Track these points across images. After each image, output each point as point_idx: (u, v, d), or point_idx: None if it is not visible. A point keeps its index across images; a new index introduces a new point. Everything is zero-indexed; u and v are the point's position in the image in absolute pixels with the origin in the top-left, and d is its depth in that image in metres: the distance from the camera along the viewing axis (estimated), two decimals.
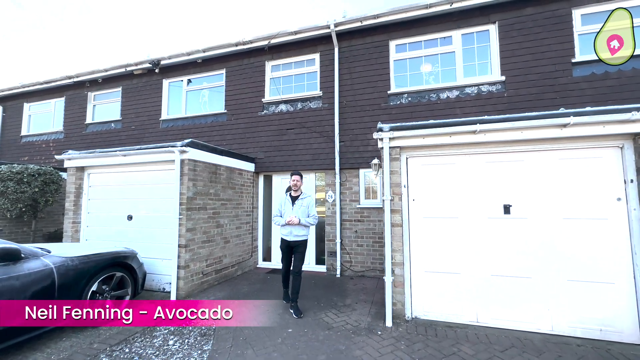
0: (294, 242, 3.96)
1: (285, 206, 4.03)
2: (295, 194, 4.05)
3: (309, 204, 4.01)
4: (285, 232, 3.97)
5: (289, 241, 3.97)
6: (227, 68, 7.14)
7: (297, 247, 3.97)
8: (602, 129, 3.06)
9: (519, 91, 5.19)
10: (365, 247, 5.81)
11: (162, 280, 4.85)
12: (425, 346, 3.01)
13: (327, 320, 3.66)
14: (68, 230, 5.38)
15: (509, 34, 5.33)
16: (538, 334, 3.23)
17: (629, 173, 3.13)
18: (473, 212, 3.59)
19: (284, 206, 4.04)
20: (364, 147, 5.84)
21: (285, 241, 4.01)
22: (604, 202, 3.20)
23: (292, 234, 3.93)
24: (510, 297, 3.40)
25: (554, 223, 3.32)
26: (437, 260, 3.67)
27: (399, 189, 3.72)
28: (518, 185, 3.48)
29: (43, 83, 8.71)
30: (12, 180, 6.13)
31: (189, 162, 4.70)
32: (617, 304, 3.08)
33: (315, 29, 6.14)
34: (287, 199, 4.06)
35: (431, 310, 3.64)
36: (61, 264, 3.22)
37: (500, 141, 3.44)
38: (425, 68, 5.95)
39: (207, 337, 3.27)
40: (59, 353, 2.96)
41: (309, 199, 4.05)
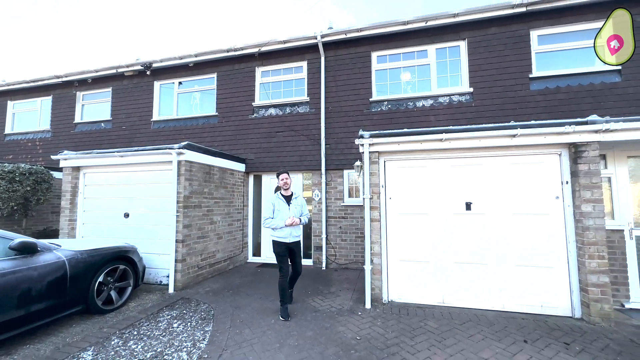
0: (294, 243, 3.85)
1: (281, 207, 3.83)
2: (286, 193, 3.93)
3: (302, 203, 3.99)
4: (284, 234, 3.77)
5: (289, 243, 3.79)
6: (219, 72, 7.46)
7: (296, 247, 3.90)
8: (543, 139, 3.68)
9: (484, 102, 5.84)
10: (349, 242, 6.33)
11: (159, 274, 5.17)
12: (398, 322, 3.53)
13: (314, 305, 4.14)
14: (64, 228, 5.59)
15: (476, 50, 5.96)
16: (492, 311, 3.83)
17: (565, 176, 3.77)
18: (440, 209, 4.16)
19: (279, 207, 3.83)
20: (348, 149, 6.34)
21: (285, 244, 3.79)
22: (546, 199, 3.83)
23: (292, 235, 3.80)
24: (470, 281, 3.99)
25: (505, 217, 3.93)
26: (410, 250, 4.22)
27: (378, 189, 4.24)
28: (478, 186, 4.07)
29: (30, 82, 8.69)
30: (3, 179, 6.24)
31: (186, 164, 5.04)
32: (554, 284, 3.72)
33: (303, 39, 6.58)
34: (280, 199, 3.87)
35: (405, 294, 4.18)
36: (72, 257, 3.53)
37: (462, 148, 4.02)
38: (404, 78, 6.51)
39: (207, 321, 3.67)
40: (72, 336, 3.28)
41: (301, 198, 4.02)
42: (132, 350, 2.98)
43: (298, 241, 3.92)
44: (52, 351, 2.98)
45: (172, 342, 3.12)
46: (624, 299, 4.02)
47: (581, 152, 3.61)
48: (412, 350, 2.91)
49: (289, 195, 3.95)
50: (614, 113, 5.16)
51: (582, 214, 3.56)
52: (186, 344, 3.10)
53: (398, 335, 3.21)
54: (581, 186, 3.58)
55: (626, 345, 2.97)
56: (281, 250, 3.79)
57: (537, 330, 3.31)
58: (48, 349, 3.03)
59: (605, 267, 3.44)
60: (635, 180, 4.16)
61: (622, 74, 5.28)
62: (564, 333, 3.23)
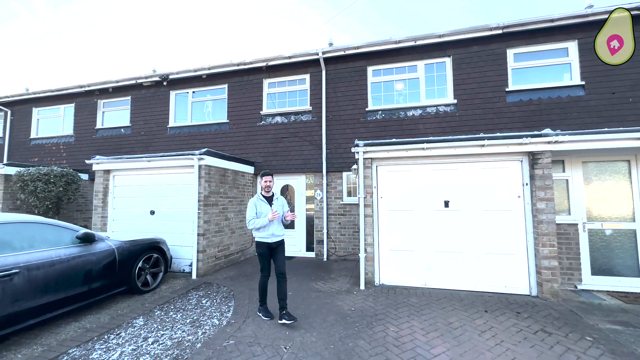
0: (276, 243, 3.74)
1: (263, 208, 3.74)
2: (267, 194, 3.85)
3: (284, 203, 3.93)
4: (266, 235, 3.68)
5: (271, 243, 3.70)
6: (229, 83, 8.23)
7: (279, 246, 3.78)
8: (506, 148, 4.45)
9: (467, 112, 6.60)
10: (347, 236, 7.10)
11: (182, 264, 5.95)
12: (386, 299, 4.31)
13: (317, 287, 4.92)
14: (97, 224, 6.37)
15: (460, 65, 6.72)
16: (465, 291, 4.60)
17: (525, 178, 4.54)
18: (423, 206, 4.93)
19: (260, 207, 3.75)
20: (347, 154, 7.11)
21: (266, 244, 3.70)
22: (510, 198, 4.60)
23: (274, 235, 3.70)
24: (448, 267, 4.76)
25: (477, 213, 4.71)
26: (398, 241, 4.99)
27: (371, 189, 5.01)
28: (454, 187, 4.84)
29: (55, 90, 9.47)
30: (40, 181, 7.04)
31: (205, 167, 5.81)
32: (516, 268, 4.49)
33: (306, 55, 7.34)
34: (261, 200, 3.79)
35: (393, 278, 4.96)
36: (119, 246, 4.31)
37: (441, 155, 4.78)
38: (396, 88, 7.27)
39: (229, 298, 4.45)
40: (122, 310, 4.07)
41: (282, 199, 3.96)
42: (173, 318, 3.77)
43: (280, 240, 3.78)
44: (109, 319, 3.76)
45: (204, 313, 3.91)
46: (577, 282, 4.79)
47: (537, 159, 4.38)
48: (395, 317, 3.69)
49: (270, 196, 3.87)
50: (578, 123, 5.93)
51: (537, 210, 4.33)
52: (215, 314, 3.89)
53: (385, 308, 3.99)
54: (537, 187, 4.35)
55: (565, 314, 3.74)
56: (263, 251, 3.71)
57: (497, 304, 4.08)
58: (105, 318, 3.82)
59: (555, 254, 4.21)
60: (588, 182, 4.92)
61: (585, 88, 6.03)
62: (519, 306, 4.01)
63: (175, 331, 3.39)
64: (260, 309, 3.84)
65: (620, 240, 4.74)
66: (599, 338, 3.13)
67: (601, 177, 4.88)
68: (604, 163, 4.86)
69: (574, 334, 3.22)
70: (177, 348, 3.02)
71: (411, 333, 3.27)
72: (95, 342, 3.16)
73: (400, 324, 3.49)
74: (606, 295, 4.45)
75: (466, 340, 3.12)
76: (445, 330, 3.33)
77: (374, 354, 2.86)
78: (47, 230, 3.56)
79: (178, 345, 3.08)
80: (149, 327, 3.50)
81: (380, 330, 3.34)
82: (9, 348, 3.06)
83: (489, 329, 3.36)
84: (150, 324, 3.58)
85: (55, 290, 3.36)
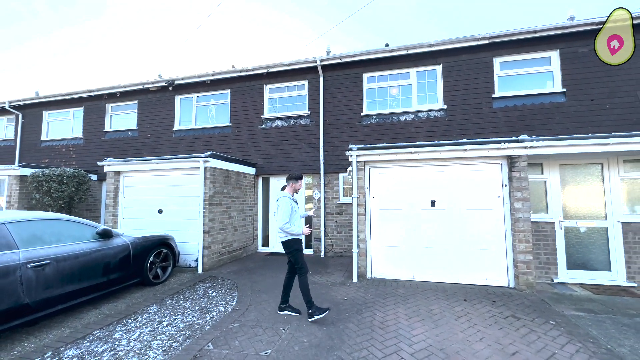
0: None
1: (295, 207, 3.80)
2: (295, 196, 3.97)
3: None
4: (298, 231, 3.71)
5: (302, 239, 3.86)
6: (232, 88, 8.64)
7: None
8: (487, 152, 4.86)
9: (456, 117, 7.00)
10: (343, 234, 7.52)
11: (188, 259, 6.37)
12: (376, 290, 4.73)
13: (314, 280, 5.33)
14: (109, 221, 6.80)
15: (450, 73, 7.12)
16: (449, 284, 5.01)
17: (504, 180, 4.95)
18: (412, 205, 5.34)
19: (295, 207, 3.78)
20: (343, 156, 7.50)
21: (300, 240, 3.81)
22: (491, 198, 5.01)
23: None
24: (434, 262, 5.17)
25: (461, 212, 5.11)
26: (389, 238, 5.40)
27: (364, 190, 5.41)
28: (440, 187, 5.24)
29: (65, 95, 9.91)
30: (54, 181, 7.46)
31: (210, 169, 6.23)
32: (496, 262, 4.90)
33: (305, 62, 7.75)
34: (293, 201, 3.81)
35: (384, 272, 5.37)
36: (133, 241, 4.73)
37: (428, 159, 5.19)
38: (391, 93, 7.67)
39: (233, 290, 4.87)
40: (136, 299, 4.48)
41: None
42: (183, 306, 4.18)
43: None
44: (126, 307, 4.18)
45: (210, 302, 4.32)
46: (554, 275, 5.20)
47: (515, 162, 4.78)
48: (383, 305, 4.11)
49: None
50: (560, 128, 6.33)
51: (514, 209, 4.73)
52: (221, 302, 4.31)
53: (374, 297, 4.40)
54: (514, 188, 4.75)
55: (537, 303, 4.15)
56: (299, 247, 3.72)
57: (477, 294, 4.49)
58: (122, 306, 4.24)
59: (530, 249, 4.62)
60: (564, 183, 5.32)
61: (566, 95, 6.43)
62: (496, 296, 4.42)
63: (186, 316, 3.81)
64: (314, 308, 3.61)
65: (593, 237, 5.14)
66: (561, 322, 3.53)
67: (576, 178, 5.28)
68: (579, 166, 5.26)
69: (540, 319, 3.63)
70: (188, 330, 3.44)
71: (395, 318, 3.68)
72: (116, 325, 3.58)
73: (387, 311, 3.90)
74: (579, 288, 4.85)
75: (444, 324, 3.53)
76: (426, 316, 3.74)
77: (361, 334, 3.28)
78: (71, 226, 3.99)
79: (189, 327, 3.50)
80: (162, 313, 3.91)
81: (368, 316, 3.75)
82: (41, 330, 3.48)
83: (465, 314, 3.77)
84: (163, 311, 4.00)
85: (79, 280, 3.79)
